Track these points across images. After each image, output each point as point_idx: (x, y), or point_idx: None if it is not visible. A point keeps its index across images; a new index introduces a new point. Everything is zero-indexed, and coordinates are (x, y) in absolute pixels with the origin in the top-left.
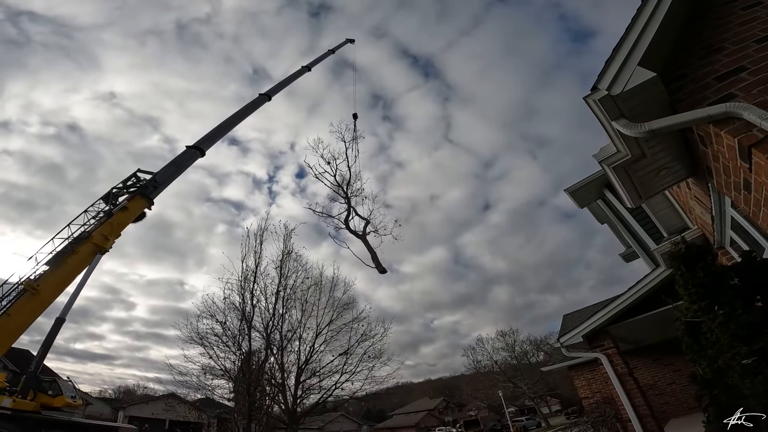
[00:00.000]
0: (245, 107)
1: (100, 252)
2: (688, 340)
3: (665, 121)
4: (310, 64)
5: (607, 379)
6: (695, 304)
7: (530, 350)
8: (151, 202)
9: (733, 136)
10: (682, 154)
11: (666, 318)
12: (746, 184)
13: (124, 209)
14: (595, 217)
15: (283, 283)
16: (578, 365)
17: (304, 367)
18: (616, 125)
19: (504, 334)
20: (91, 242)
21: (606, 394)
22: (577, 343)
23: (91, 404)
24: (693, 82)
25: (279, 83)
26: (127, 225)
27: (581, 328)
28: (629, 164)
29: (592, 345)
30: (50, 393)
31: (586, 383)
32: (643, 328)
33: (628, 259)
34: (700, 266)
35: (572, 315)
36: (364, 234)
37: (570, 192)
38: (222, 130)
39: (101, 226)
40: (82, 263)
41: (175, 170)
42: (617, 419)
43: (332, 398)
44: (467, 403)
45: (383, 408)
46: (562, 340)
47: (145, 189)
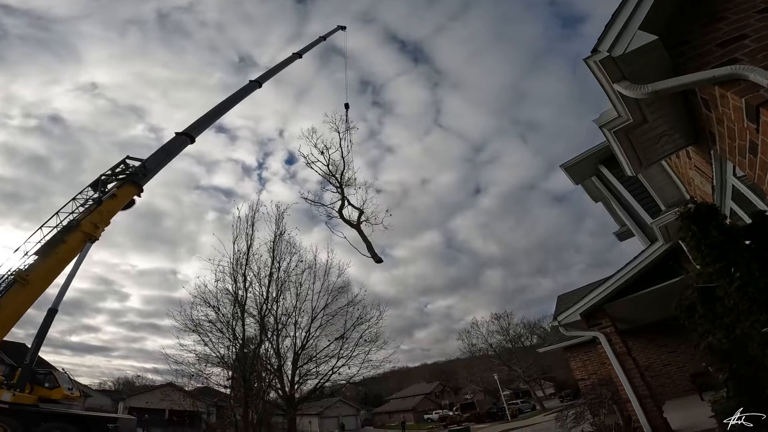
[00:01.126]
0: (235, 94)
1: (89, 240)
2: (701, 308)
3: (669, 83)
4: (301, 51)
5: (604, 360)
6: (709, 266)
7: (524, 333)
8: (140, 189)
9: (739, 96)
10: (684, 120)
11: (663, 295)
12: (752, 146)
13: (113, 197)
14: (589, 195)
15: (276, 265)
16: (574, 346)
17: (300, 352)
18: (617, 87)
19: (498, 317)
20: (81, 231)
21: (602, 376)
22: (575, 322)
23: (91, 396)
24: (694, 48)
25: (269, 70)
26: (116, 212)
27: (579, 305)
28: (630, 129)
29: (589, 324)
30: (47, 385)
31: (582, 365)
32: (639, 307)
33: (622, 237)
34: (713, 225)
35: (567, 296)
36: (358, 223)
37: (566, 168)
38: (212, 117)
39: (90, 214)
40: (71, 252)
41: (165, 157)
42: (614, 401)
43: (330, 383)
44: (463, 387)
45: (380, 392)
46: (559, 318)
47: (135, 176)
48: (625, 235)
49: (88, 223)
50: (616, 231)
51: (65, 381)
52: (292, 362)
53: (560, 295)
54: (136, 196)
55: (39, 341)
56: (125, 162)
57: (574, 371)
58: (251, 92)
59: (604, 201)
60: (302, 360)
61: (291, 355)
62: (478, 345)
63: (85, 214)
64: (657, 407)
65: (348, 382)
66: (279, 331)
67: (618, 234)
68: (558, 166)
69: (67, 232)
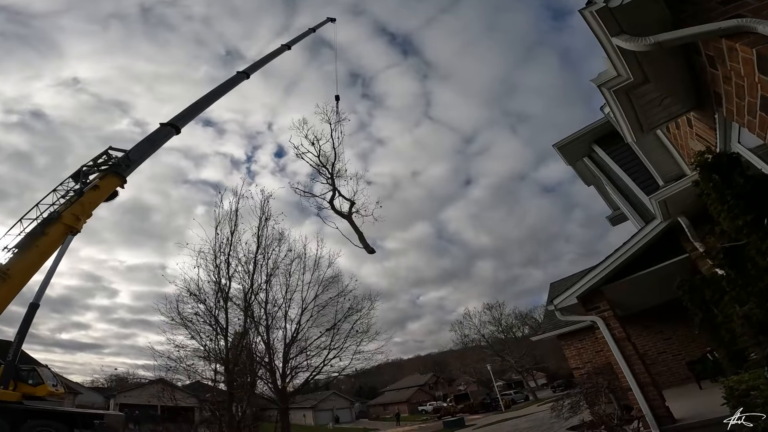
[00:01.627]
0: (222, 85)
1: (71, 233)
2: (729, 271)
3: (673, 34)
4: (290, 42)
5: (599, 348)
6: (737, 219)
7: (516, 324)
8: (124, 180)
9: (750, 47)
10: (686, 82)
11: (661, 278)
12: (764, 102)
13: (95, 188)
14: (581, 178)
15: (261, 251)
16: (568, 334)
17: (291, 344)
18: (616, 41)
19: (490, 307)
20: (62, 223)
21: (597, 364)
22: (571, 306)
23: (81, 393)
24: (695, 4)
25: (257, 61)
26: (98, 204)
27: (575, 288)
28: (631, 89)
29: (587, 308)
30: (31, 382)
31: (576, 353)
32: (636, 290)
33: (615, 221)
34: (738, 173)
35: (560, 282)
36: (349, 214)
37: (559, 147)
38: (198, 108)
39: (72, 206)
40: (53, 245)
41: (150, 147)
42: (611, 390)
43: (322, 375)
44: (457, 378)
45: (374, 385)
46: (555, 302)
47: (118, 167)
48: (618, 219)
49: (69, 215)
50: (609, 215)
51: (49, 377)
52: (283, 355)
53: (553, 283)
54: (120, 187)
55: (21, 337)
56: (108, 153)
57: (568, 360)
58: (239, 83)
59: (596, 184)
60: (293, 352)
61: (282, 347)
62: (471, 336)
63: (66, 205)
64: (659, 395)
65: (340, 374)
66: (269, 324)
67: (611, 218)
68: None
69: (47, 224)
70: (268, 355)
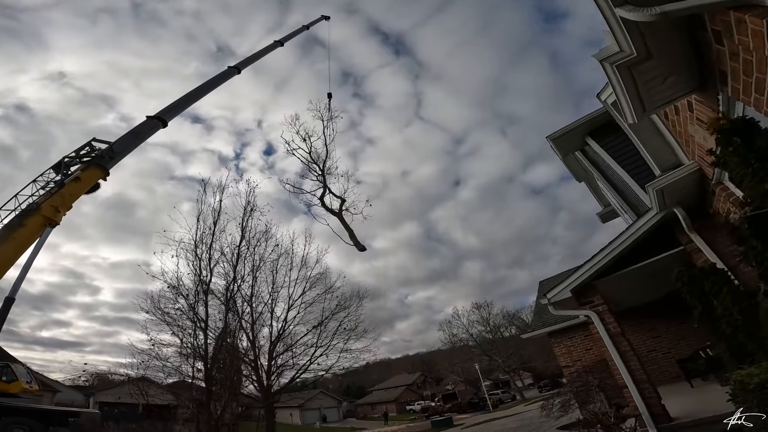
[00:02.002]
0: (212, 79)
1: (50, 225)
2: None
3: (680, 4)
4: (283, 39)
5: (589, 347)
6: (764, 182)
7: (503, 324)
8: (106, 173)
9: (760, 18)
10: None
11: (655, 272)
12: None
13: (76, 180)
14: (572, 174)
15: (246, 242)
16: (558, 332)
17: (276, 341)
18: (620, 12)
19: (479, 306)
20: (40, 214)
21: (587, 362)
22: (565, 300)
23: (60, 392)
24: None
25: (249, 57)
26: (79, 197)
27: (569, 282)
28: (634, 65)
29: (580, 302)
30: (4, 379)
31: (566, 351)
32: (630, 285)
33: (606, 218)
34: (761, 134)
35: (549, 280)
36: (340, 212)
37: (552, 139)
38: (186, 102)
39: (51, 197)
40: (30, 237)
41: (134, 140)
42: (601, 388)
43: (309, 374)
44: (444, 378)
45: (363, 384)
46: (549, 295)
47: (101, 159)
48: (608, 215)
49: (48, 206)
50: (600, 212)
51: (23, 374)
52: (268, 352)
53: (542, 281)
54: (102, 180)
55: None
56: (91, 144)
57: (557, 358)
58: (229, 78)
59: (588, 179)
60: (279, 350)
61: (267, 344)
62: (460, 335)
63: (46, 197)
64: (656, 393)
65: (327, 372)
66: (254, 320)
67: (601, 215)
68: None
69: (25, 215)
70: (253, 352)
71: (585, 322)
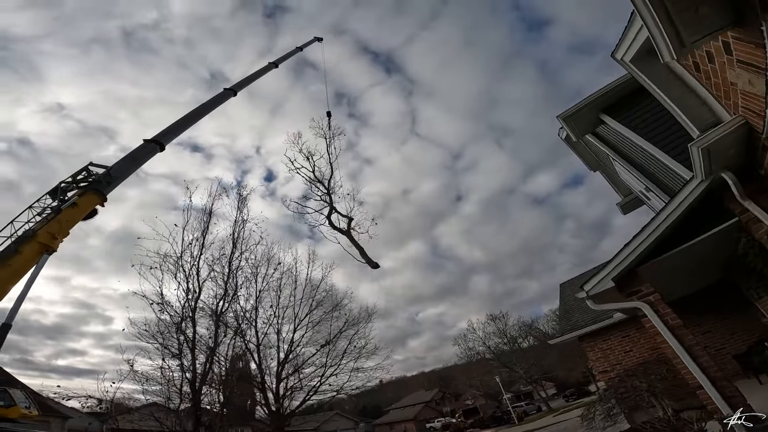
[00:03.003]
0: (209, 102)
1: (47, 252)
2: None
3: None
4: (277, 60)
5: (628, 348)
6: None
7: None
8: (104, 198)
9: None
10: None
11: (703, 254)
12: None
13: (73, 206)
14: (585, 163)
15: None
16: (590, 334)
17: (284, 363)
18: None
19: (494, 318)
20: (37, 241)
21: (628, 366)
22: (606, 292)
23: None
24: None
25: (244, 79)
26: (76, 223)
27: (609, 269)
28: None
29: (624, 293)
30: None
31: (602, 355)
32: (675, 272)
33: (627, 208)
34: None
35: (571, 282)
36: (348, 230)
37: (564, 118)
38: (183, 124)
39: (48, 224)
40: (27, 264)
41: (132, 164)
42: (652, 393)
43: (320, 394)
44: (463, 392)
45: (379, 404)
46: (587, 287)
47: (98, 184)
48: (631, 204)
49: (44, 233)
50: (620, 202)
51: (21, 399)
52: (276, 375)
53: (562, 283)
54: (99, 205)
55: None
56: (88, 169)
57: (592, 363)
58: (225, 100)
59: (603, 166)
60: (287, 371)
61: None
62: (476, 348)
63: (43, 223)
64: (738, 392)
65: (339, 392)
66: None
67: (622, 205)
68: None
69: (21, 242)
70: (260, 374)
71: (621, 321)
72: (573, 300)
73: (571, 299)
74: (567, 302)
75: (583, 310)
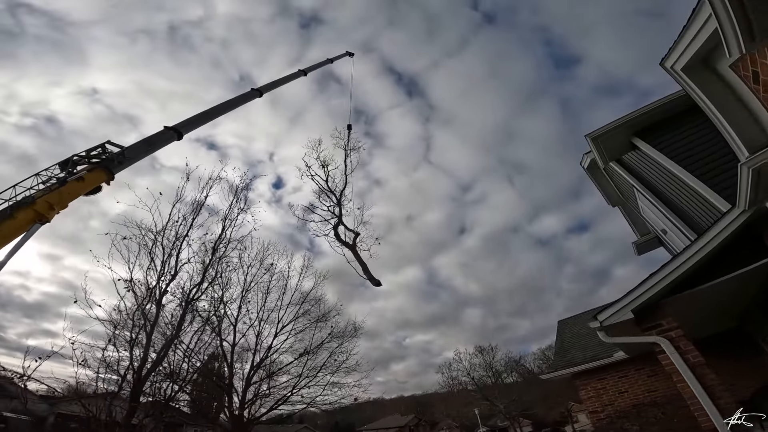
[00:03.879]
0: (234, 99)
1: (40, 221)
2: None
3: None
4: (307, 68)
5: (623, 389)
6: None
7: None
8: (111, 177)
9: None
10: None
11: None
12: None
13: (80, 179)
14: (605, 198)
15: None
16: (586, 372)
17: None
18: None
19: (482, 350)
20: (33, 209)
21: (620, 407)
22: (622, 324)
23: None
24: None
25: (272, 82)
26: (77, 197)
27: (629, 300)
28: None
29: (642, 326)
30: None
31: (595, 394)
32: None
33: (643, 248)
34: None
35: (571, 320)
36: (354, 245)
37: (593, 138)
38: (206, 117)
39: (49, 193)
40: (17, 230)
41: (147, 148)
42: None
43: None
44: (439, 422)
45: (352, 422)
46: (601, 317)
47: (110, 162)
48: (647, 245)
49: (43, 201)
50: (637, 241)
51: None
52: (246, 379)
53: (561, 320)
54: (105, 183)
55: None
56: (104, 146)
57: (584, 402)
58: (251, 100)
59: (624, 201)
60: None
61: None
62: (460, 378)
63: (44, 192)
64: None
65: (309, 405)
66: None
67: (638, 244)
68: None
69: (18, 207)
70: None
71: (620, 361)
72: (570, 337)
73: (569, 336)
74: (564, 339)
75: (581, 347)
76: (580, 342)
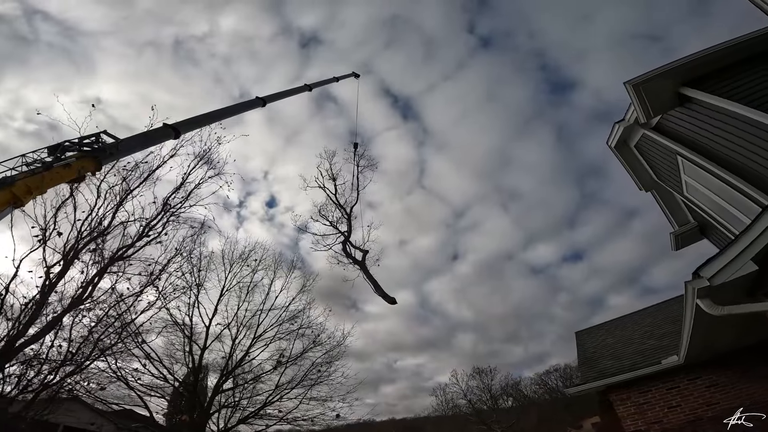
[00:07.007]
0: (237, 105)
1: (14, 205)
2: None
3: None
4: (312, 84)
5: (675, 403)
6: None
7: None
8: (99, 168)
9: None
10: None
11: None
12: None
13: (66, 166)
14: (636, 182)
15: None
16: (624, 384)
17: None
18: None
19: (480, 371)
20: (10, 190)
21: (669, 426)
22: (740, 281)
23: None
24: None
25: (277, 93)
26: (59, 183)
27: (744, 245)
28: None
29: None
30: None
31: (636, 410)
32: None
33: (684, 241)
34: None
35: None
36: (363, 262)
37: (634, 85)
38: (206, 120)
39: (31, 176)
40: None
41: (142, 142)
42: None
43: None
44: None
45: None
46: (706, 272)
47: (102, 152)
48: (687, 236)
49: (23, 184)
50: (676, 231)
51: None
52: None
53: (578, 331)
54: (90, 173)
55: None
56: (99, 135)
57: (622, 420)
58: (253, 108)
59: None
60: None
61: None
62: (455, 400)
63: (27, 174)
64: None
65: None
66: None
67: (677, 235)
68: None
69: None
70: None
71: (669, 369)
72: (595, 347)
73: (592, 346)
74: (587, 349)
75: (612, 356)
76: (608, 351)
